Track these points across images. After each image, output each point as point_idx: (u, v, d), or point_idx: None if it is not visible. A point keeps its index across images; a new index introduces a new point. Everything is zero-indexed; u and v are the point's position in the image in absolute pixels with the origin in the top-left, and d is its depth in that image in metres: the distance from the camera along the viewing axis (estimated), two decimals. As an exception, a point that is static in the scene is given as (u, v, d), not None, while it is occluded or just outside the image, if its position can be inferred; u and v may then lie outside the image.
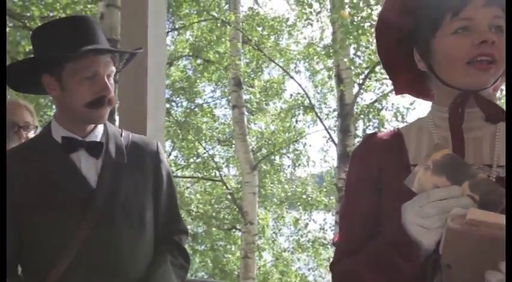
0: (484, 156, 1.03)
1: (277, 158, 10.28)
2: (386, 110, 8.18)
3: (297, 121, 9.51)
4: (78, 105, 1.35)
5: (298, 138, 9.88)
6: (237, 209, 9.63)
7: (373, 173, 1.10)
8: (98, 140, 1.43)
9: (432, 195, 0.89)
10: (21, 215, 1.33)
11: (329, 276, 1.25)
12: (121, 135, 1.51)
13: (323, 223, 9.78)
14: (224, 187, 10.30)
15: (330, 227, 9.10)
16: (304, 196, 9.90)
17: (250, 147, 9.47)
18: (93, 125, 1.43)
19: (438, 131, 1.07)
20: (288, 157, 10.25)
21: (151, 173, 1.49)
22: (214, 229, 10.50)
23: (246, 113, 9.60)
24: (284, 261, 10.27)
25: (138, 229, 1.42)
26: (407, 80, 1.18)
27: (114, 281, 1.35)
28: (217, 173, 10.38)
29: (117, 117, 3.77)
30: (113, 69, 1.40)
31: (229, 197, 10.33)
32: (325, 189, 9.75)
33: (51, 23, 1.42)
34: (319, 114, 9.06)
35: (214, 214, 10.42)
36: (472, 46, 0.97)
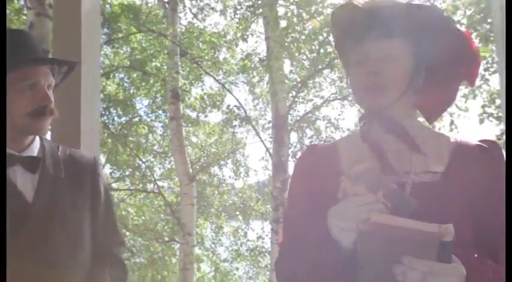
0: (406, 164, 1.16)
1: (216, 168, 10.38)
2: (320, 120, 8.53)
3: (233, 133, 9.69)
4: (18, 115, 1.34)
5: (237, 148, 10.04)
6: (175, 221, 9.60)
7: (311, 180, 1.23)
8: (35, 154, 1.42)
9: (351, 201, 1.02)
10: None
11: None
12: (58, 149, 1.51)
13: (261, 232, 9.96)
14: (162, 199, 10.23)
15: (267, 235, 9.28)
16: (242, 206, 10.04)
17: (189, 158, 9.53)
18: (30, 140, 1.42)
19: (365, 143, 1.21)
20: (228, 168, 10.39)
21: (89, 187, 1.49)
22: (153, 242, 10.38)
23: (185, 124, 9.68)
24: (224, 271, 10.32)
25: (76, 242, 1.42)
26: None
27: None
28: (155, 185, 10.31)
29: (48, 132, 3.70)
30: (52, 80, 1.41)
31: (167, 209, 10.27)
32: (262, 199, 9.95)
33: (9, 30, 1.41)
34: (257, 125, 9.30)
35: (152, 226, 10.32)
36: (367, 76, 1.15)
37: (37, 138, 1.47)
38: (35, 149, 1.43)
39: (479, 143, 1.17)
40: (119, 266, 1.54)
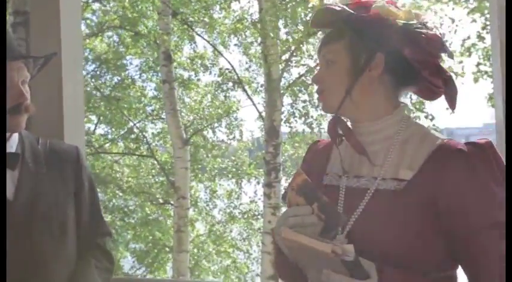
0: (375, 169, 1.14)
1: (210, 131, 10.34)
2: (313, 85, 8.41)
3: (225, 97, 9.57)
4: None
5: (230, 111, 9.96)
6: (170, 184, 9.66)
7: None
8: (13, 150, 1.38)
9: (289, 211, 1.09)
10: None
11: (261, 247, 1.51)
12: (38, 142, 1.46)
13: (253, 195, 10.04)
14: (155, 162, 10.25)
15: (260, 199, 9.36)
16: (234, 169, 10.08)
17: (182, 121, 9.47)
18: (7, 135, 1.38)
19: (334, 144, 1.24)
20: (221, 131, 10.35)
21: (72, 179, 1.47)
22: (147, 203, 10.47)
23: (177, 87, 9.55)
24: (218, 232, 10.48)
25: (60, 237, 1.40)
26: None
27: None
28: (148, 148, 10.29)
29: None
30: (27, 74, 1.36)
31: (161, 172, 10.31)
32: (255, 162, 9.97)
33: None
34: (250, 89, 9.18)
35: (146, 189, 10.38)
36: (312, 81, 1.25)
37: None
38: (13, 145, 1.39)
39: (460, 147, 1.09)
40: (105, 257, 1.54)
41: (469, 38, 7.54)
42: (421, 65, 1.11)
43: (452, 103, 1.17)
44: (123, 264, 10.82)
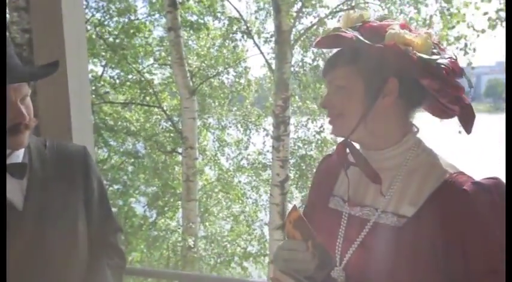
0: (378, 200, 1.12)
1: (217, 79, 10.15)
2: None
3: (234, 47, 9.28)
4: None
5: (238, 60, 9.71)
6: (178, 134, 9.65)
7: (313, 190, 1.35)
8: (20, 160, 1.37)
9: (286, 244, 1.11)
10: None
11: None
12: (45, 147, 1.45)
13: (262, 146, 10.02)
14: (161, 111, 10.16)
15: (268, 151, 9.35)
16: (243, 120, 9.99)
17: (188, 69, 9.27)
18: (8, 152, 1.35)
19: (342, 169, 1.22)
20: (228, 79, 10.16)
21: (81, 180, 1.47)
22: (155, 151, 10.51)
23: (183, 32, 9.27)
24: (227, 180, 10.58)
25: (71, 240, 1.41)
26: None
27: None
28: (155, 97, 10.16)
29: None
30: (27, 90, 1.32)
31: (168, 122, 10.25)
32: (264, 114, 9.86)
33: None
34: (258, 38, 8.88)
35: (154, 138, 10.37)
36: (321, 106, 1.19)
37: None
38: (19, 154, 1.37)
39: (465, 188, 1.03)
40: (117, 254, 1.56)
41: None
42: (439, 93, 1.08)
43: (467, 128, 1.12)
44: (135, 207, 11.05)
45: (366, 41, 1.06)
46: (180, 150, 9.95)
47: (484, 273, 0.99)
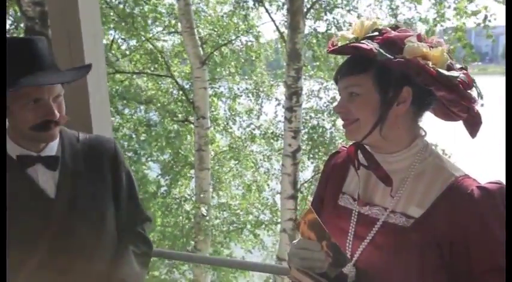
0: (387, 200, 1.18)
1: (228, 50, 10.01)
2: (340, 8, 7.87)
3: (246, 16, 9.09)
4: (24, 128, 1.38)
5: (249, 30, 9.53)
6: (189, 104, 9.62)
7: (321, 184, 1.41)
8: (54, 153, 1.47)
9: (301, 243, 1.15)
10: None
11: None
12: (78, 140, 1.55)
13: (273, 116, 9.97)
14: (173, 81, 10.09)
15: (280, 121, 9.31)
16: (255, 89, 9.91)
17: (199, 37, 9.14)
18: (42, 145, 1.46)
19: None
20: (240, 49, 10.01)
21: (110, 173, 1.56)
22: (167, 120, 10.51)
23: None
24: (239, 148, 10.61)
25: (99, 230, 1.51)
26: None
27: (79, 280, 1.46)
28: (166, 66, 10.07)
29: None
30: (60, 89, 1.40)
31: (180, 92, 10.20)
32: (276, 84, 9.76)
33: (10, 40, 1.35)
34: (270, 6, 8.68)
35: (166, 107, 10.36)
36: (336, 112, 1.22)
37: None
38: (53, 147, 1.48)
39: (470, 191, 1.09)
40: (144, 243, 1.67)
41: None
42: (451, 103, 1.13)
43: (473, 133, 1.17)
44: (148, 173, 11.16)
45: (388, 56, 1.09)
46: (192, 119, 9.95)
47: (487, 271, 1.05)
